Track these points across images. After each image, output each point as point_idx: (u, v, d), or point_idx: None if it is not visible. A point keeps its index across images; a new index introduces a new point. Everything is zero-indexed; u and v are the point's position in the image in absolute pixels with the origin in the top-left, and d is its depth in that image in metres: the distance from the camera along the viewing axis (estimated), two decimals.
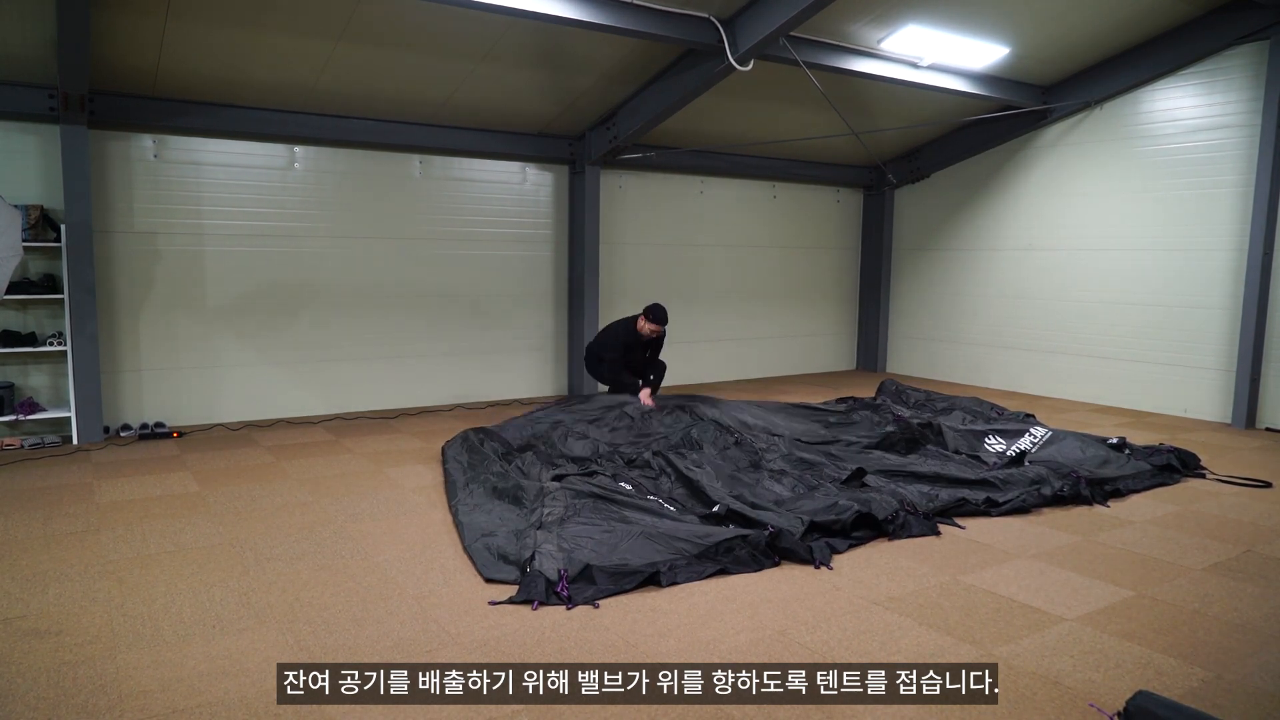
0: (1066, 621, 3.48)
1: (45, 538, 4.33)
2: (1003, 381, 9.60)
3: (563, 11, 5.77)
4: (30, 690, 2.83)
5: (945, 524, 4.67)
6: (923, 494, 4.99)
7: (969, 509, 4.88)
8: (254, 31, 5.99)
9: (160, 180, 6.91)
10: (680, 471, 5.11)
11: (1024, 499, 4.96)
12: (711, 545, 3.99)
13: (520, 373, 8.80)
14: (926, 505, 4.78)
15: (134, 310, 6.90)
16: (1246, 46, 7.40)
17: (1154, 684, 2.95)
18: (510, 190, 8.56)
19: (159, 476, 5.55)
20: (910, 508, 4.64)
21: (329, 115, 7.33)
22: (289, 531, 4.48)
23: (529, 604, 3.53)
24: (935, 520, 4.64)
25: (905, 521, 4.51)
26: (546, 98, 7.63)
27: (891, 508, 4.58)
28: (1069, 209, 8.89)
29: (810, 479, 5.13)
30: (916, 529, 4.50)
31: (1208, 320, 7.82)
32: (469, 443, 5.82)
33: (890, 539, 4.42)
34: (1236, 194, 7.55)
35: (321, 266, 7.63)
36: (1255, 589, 3.85)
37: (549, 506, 4.42)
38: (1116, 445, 5.98)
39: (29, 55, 5.89)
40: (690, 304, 9.76)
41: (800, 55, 6.75)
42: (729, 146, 9.23)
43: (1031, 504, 4.96)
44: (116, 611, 3.46)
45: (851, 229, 11.11)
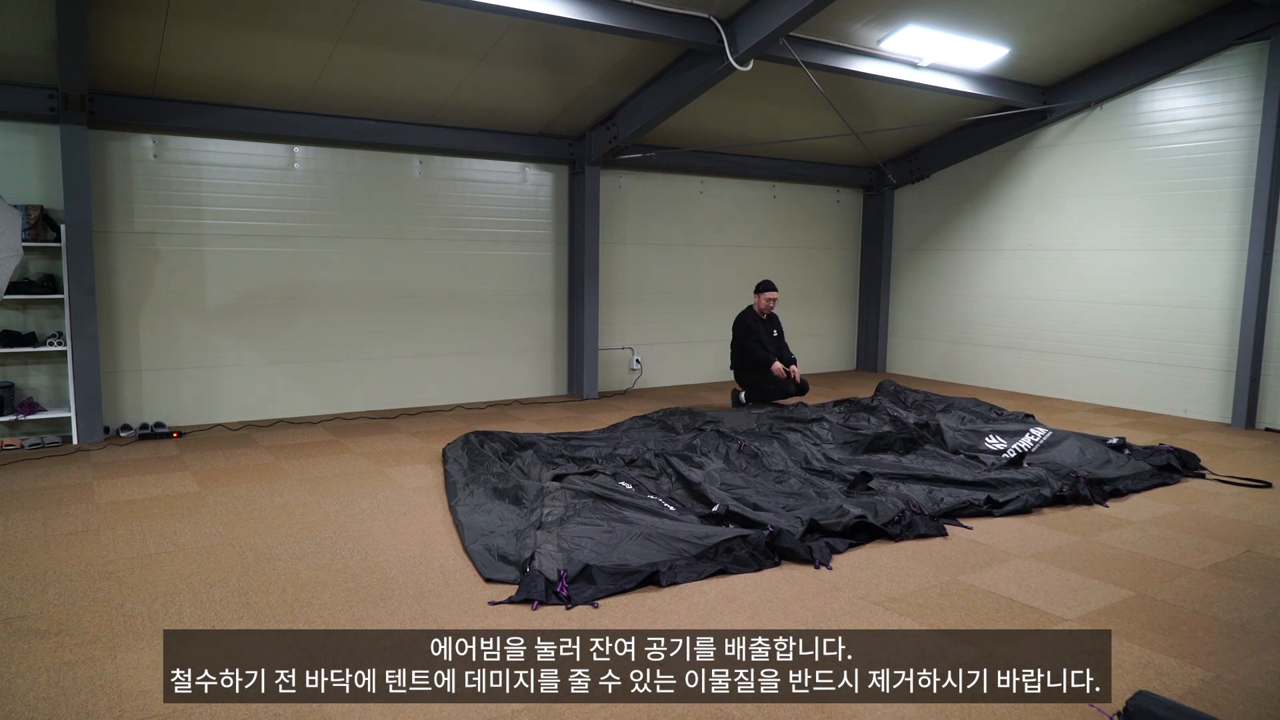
0: (1066, 621, 3.48)
1: (45, 538, 4.33)
2: (1002, 382, 9.60)
3: (563, 11, 5.77)
4: (30, 690, 2.83)
5: (951, 524, 4.65)
6: (926, 494, 4.98)
7: (972, 510, 4.86)
8: (254, 32, 5.99)
9: (160, 180, 6.91)
10: (680, 473, 5.11)
11: (1025, 500, 4.95)
12: (711, 545, 3.99)
13: (520, 373, 8.80)
14: (933, 506, 4.77)
15: (134, 310, 6.90)
16: (1246, 46, 7.39)
17: (1154, 684, 2.95)
18: (510, 190, 8.56)
19: (159, 476, 5.55)
20: (916, 508, 4.63)
21: (329, 115, 7.33)
22: (289, 531, 4.48)
23: (529, 604, 3.54)
24: (941, 521, 4.62)
25: (911, 521, 4.49)
26: (546, 98, 7.63)
27: (897, 509, 4.56)
28: (1069, 209, 8.89)
29: (817, 482, 5.14)
30: (923, 529, 4.47)
31: (1208, 320, 7.82)
32: (469, 445, 5.83)
33: (896, 540, 4.39)
34: (1236, 194, 7.55)
35: (321, 266, 7.63)
36: (1255, 589, 3.85)
37: (549, 506, 4.43)
38: (1116, 445, 5.98)
39: (29, 55, 5.89)
40: (690, 304, 9.77)
41: (800, 55, 6.75)
42: (729, 146, 9.22)
43: (1033, 505, 4.96)
44: (116, 611, 3.46)
45: (851, 229, 11.11)
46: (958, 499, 4.92)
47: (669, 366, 9.72)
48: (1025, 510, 4.92)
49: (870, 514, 4.49)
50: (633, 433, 6.49)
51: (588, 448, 5.98)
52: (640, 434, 6.42)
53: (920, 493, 4.99)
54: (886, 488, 5.03)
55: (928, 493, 5.02)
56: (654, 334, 9.55)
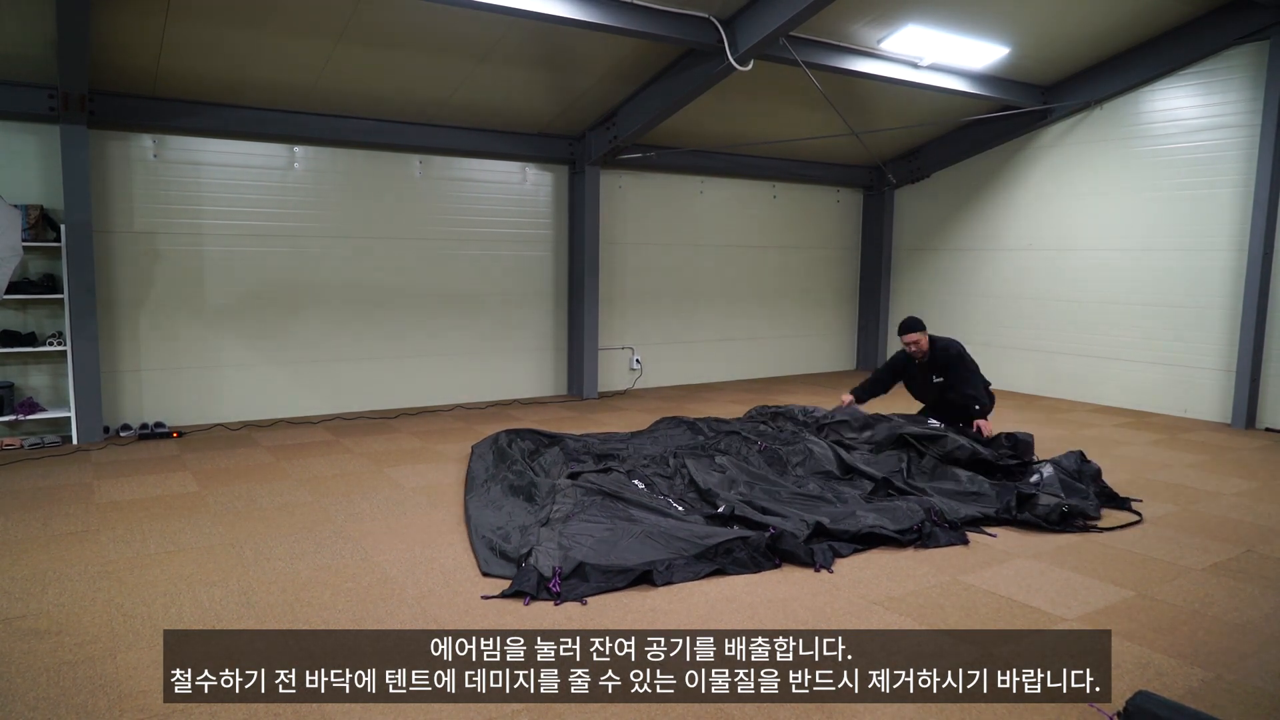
0: (1066, 621, 3.48)
1: (45, 538, 4.33)
2: (1003, 382, 9.58)
3: (563, 11, 5.77)
4: (30, 690, 2.83)
5: (975, 533, 4.52)
6: (947, 503, 4.76)
7: (993, 519, 4.67)
8: (254, 31, 5.99)
9: (160, 180, 6.91)
10: (690, 474, 5.10)
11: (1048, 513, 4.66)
12: (711, 546, 3.99)
13: (520, 373, 8.80)
14: (954, 514, 4.60)
15: (134, 310, 6.90)
16: (1246, 46, 7.39)
17: (1154, 684, 2.95)
18: (510, 190, 8.56)
19: (159, 476, 5.55)
20: (937, 517, 4.49)
21: (329, 115, 7.33)
22: (289, 531, 4.48)
23: (520, 598, 3.56)
24: (964, 530, 4.48)
25: (932, 532, 4.37)
26: (546, 98, 7.63)
27: (917, 517, 4.46)
28: (1069, 209, 8.89)
29: (836, 487, 5.06)
30: (944, 539, 4.35)
31: (1208, 320, 7.82)
32: (497, 443, 5.82)
33: (917, 549, 4.28)
34: (1236, 194, 7.55)
35: (322, 266, 7.63)
36: (1255, 589, 3.85)
37: (559, 503, 4.44)
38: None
39: (29, 55, 5.89)
40: (690, 304, 9.77)
41: (800, 55, 6.75)
42: (729, 146, 9.22)
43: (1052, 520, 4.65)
44: (116, 611, 3.46)
45: (851, 229, 11.11)
46: (978, 508, 4.74)
47: (669, 366, 9.71)
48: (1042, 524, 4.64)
49: (889, 520, 4.42)
50: (660, 433, 6.44)
51: (615, 445, 5.95)
52: (669, 434, 6.37)
53: (943, 501, 4.76)
54: (907, 496, 4.86)
55: (950, 504, 4.76)
56: (654, 334, 9.55)
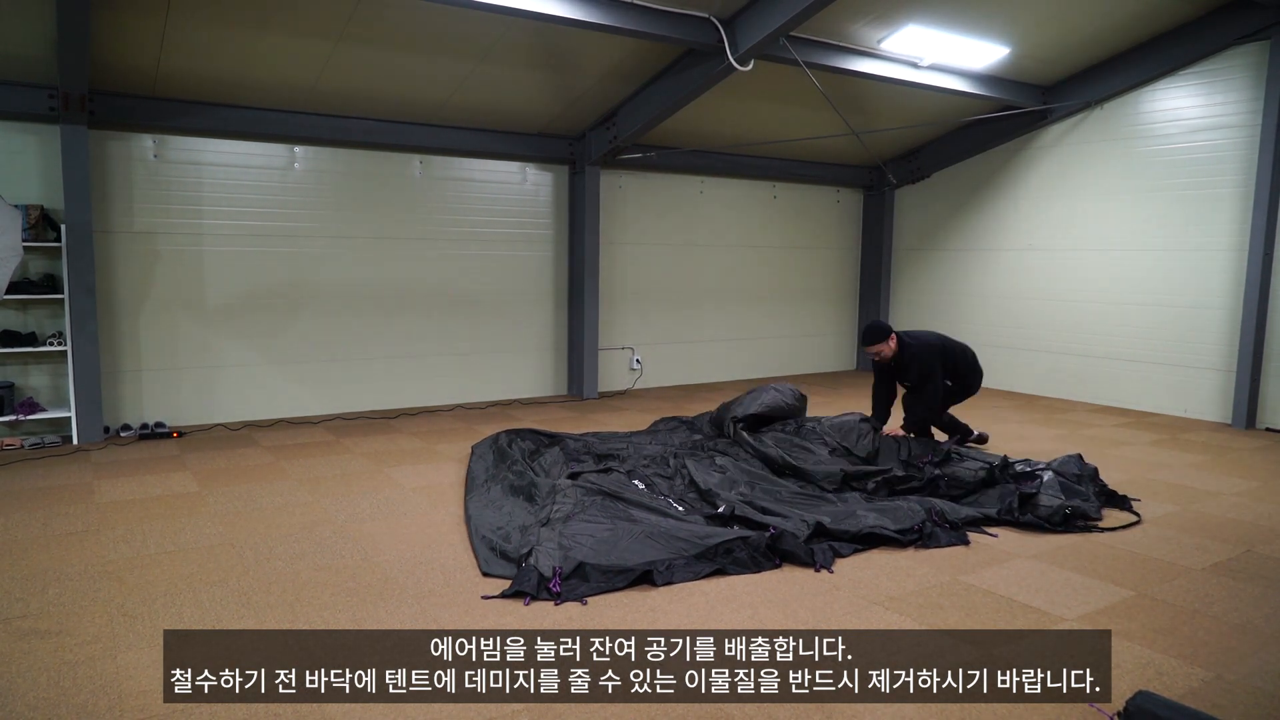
0: (1066, 621, 3.48)
1: (45, 538, 4.33)
2: (1002, 382, 9.59)
3: (563, 11, 5.77)
4: (30, 690, 2.83)
5: (976, 533, 4.51)
6: (948, 504, 4.74)
7: (995, 520, 4.65)
8: (254, 31, 5.99)
9: (160, 180, 6.91)
10: (690, 474, 5.10)
11: (1051, 515, 4.67)
12: (711, 546, 3.99)
13: (520, 373, 8.80)
14: (954, 514, 4.59)
15: (134, 310, 6.90)
16: (1246, 46, 7.39)
17: (1154, 684, 2.95)
18: (510, 190, 8.56)
19: (159, 476, 5.55)
20: (938, 517, 4.50)
21: (329, 115, 7.33)
22: (289, 531, 4.48)
23: (521, 598, 3.56)
24: (965, 530, 4.48)
25: (933, 532, 4.37)
26: (546, 98, 7.63)
27: (918, 517, 4.46)
28: (1069, 209, 8.89)
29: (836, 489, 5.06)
30: (945, 540, 4.35)
31: (1208, 320, 7.82)
32: (498, 443, 5.82)
33: (917, 549, 4.29)
34: (1237, 194, 7.55)
35: (321, 266, 7.63)
36: (1255, 589, 3.85)
37: (559, 504, 4.44)
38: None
39: (29, 55, 5.89)
40: (690, 304, 9.77)
41: (800, 55, 6.75)
42: (729, 146, 9.22)
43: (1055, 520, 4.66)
44: (116, 611, 3.46)
45: (851, 229, 11.11)
46: (979, 509, 4.73)
47: (669, 366, 9.71)
48: (1048, 526, 4.63)
49: (889, 520, 4.43)
50: (660, 433, 6.44)
51: (614, 445, 5.94)
52: (669, 434, 6.36)
53: (945, 502, 4.75)
54: (910, 497, 4.85)
55: (951, 504, 4.74)
56: (654, 334, 9.55)
